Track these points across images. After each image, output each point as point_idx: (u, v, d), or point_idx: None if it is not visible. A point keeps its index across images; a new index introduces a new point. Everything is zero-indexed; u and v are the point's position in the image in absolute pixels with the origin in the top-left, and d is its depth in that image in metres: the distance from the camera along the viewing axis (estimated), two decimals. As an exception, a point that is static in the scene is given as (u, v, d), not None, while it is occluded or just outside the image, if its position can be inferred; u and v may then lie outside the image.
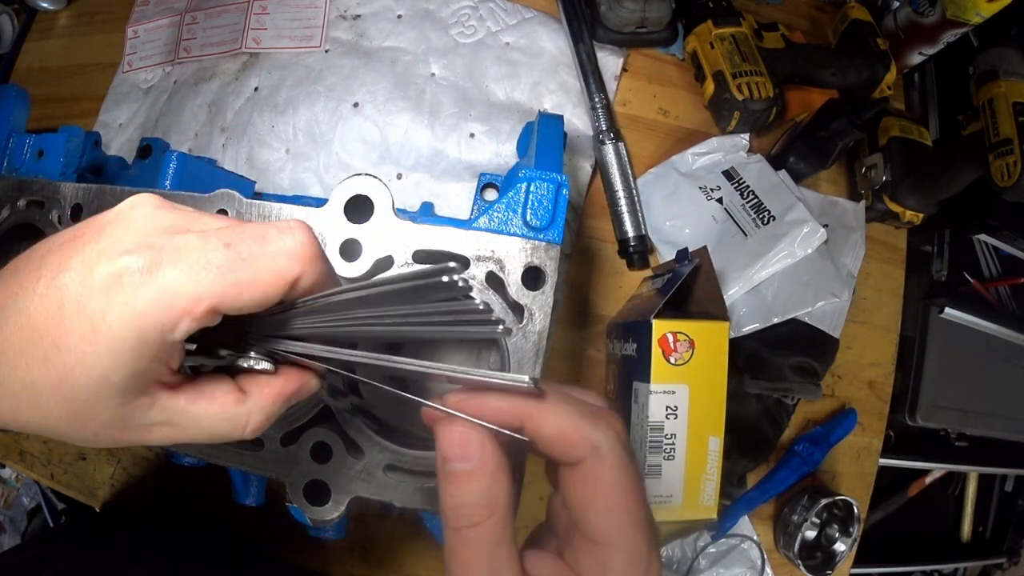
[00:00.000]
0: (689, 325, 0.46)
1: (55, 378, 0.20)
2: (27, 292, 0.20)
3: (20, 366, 0.20)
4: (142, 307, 0.19)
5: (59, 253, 0.21)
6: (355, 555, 0.56)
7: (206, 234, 0.21)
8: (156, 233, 0.21)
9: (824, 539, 0.61)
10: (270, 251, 0.21)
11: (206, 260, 0.20)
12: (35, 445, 0.59)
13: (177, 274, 0.20)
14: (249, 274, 0.20)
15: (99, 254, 0.20)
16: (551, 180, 0.35)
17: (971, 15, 0.58)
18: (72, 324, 0.19)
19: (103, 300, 0.19)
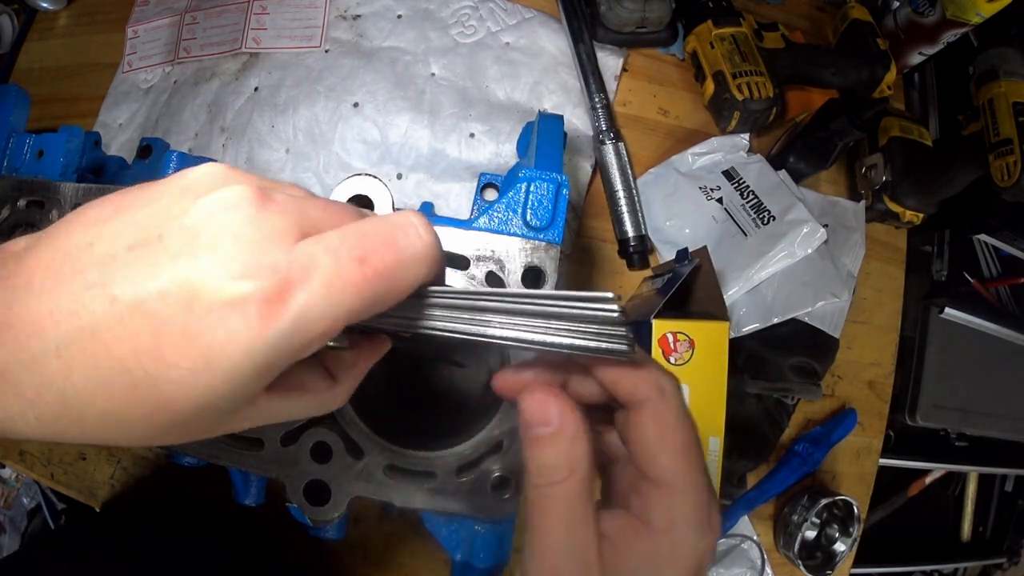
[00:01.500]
0: (689, 325, 0.46)
1: (149, 408, 0.17)
2: (92, 312, 0.17)
3: (100, 398, 0.17)
4: (273, 339, 0.17)
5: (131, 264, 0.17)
6: (355, 555, 0.56)
7: (334, 248, 0.18)
8: (271, 245, 0.18)
9: (824, 539, 0.61)
10: (404, 259, 0.20)
11: (342, 281, 0.18)
12: (35, 445, 0.59)
13: (311, 299, 0.17)
14: (385, 287, 0.19)
15: (204, 276, 0.17)
16: (551, 180, 0.35)
17: (971, 15, 0.58)
18: (176, 357, 0.17)
19: (220, 332, 0.17)
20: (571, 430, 0.22)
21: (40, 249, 0.18)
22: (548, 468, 0.22)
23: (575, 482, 0.22)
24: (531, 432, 0.23)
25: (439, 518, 0.36)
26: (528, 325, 0.21)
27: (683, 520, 0.22)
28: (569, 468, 0.22)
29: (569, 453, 0.22)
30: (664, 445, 0.23)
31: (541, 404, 0.23)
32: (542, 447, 0.22)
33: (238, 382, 0.17)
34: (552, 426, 0.22)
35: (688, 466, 0.23)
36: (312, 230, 0.19)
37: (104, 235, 0.18)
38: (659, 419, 0.23)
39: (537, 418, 0.23)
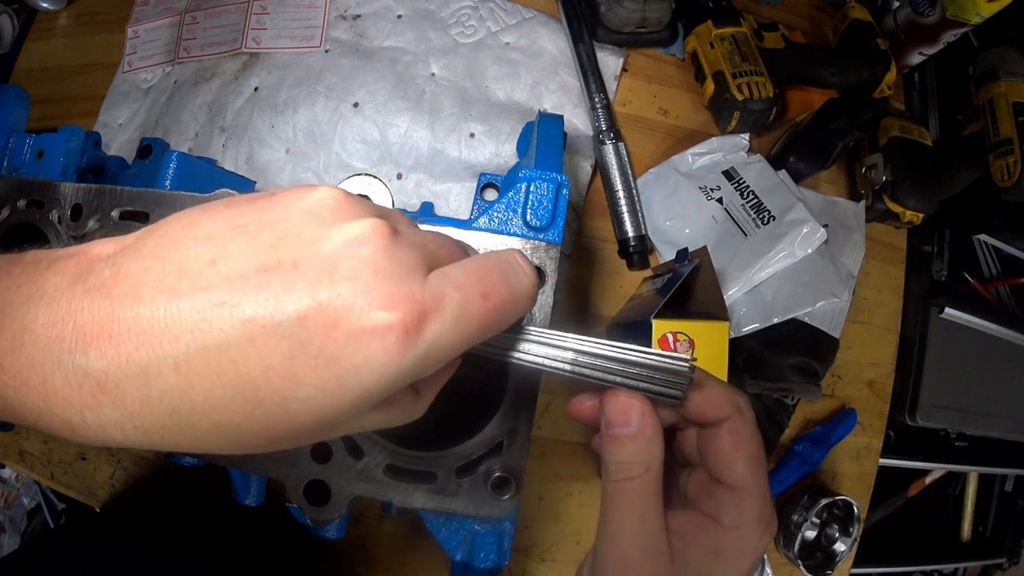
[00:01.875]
0: (689, 325, 0.46)
1: (269, 420, 0.18)
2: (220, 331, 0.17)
3: (218, 412, 0.18)
4: (406, 364, 0.19)
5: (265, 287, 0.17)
6: (355, 555, 0.56)
7: (461, 283, 0.20)
8: (407, 278, 0.19)
9: (824, 539, 0.61)
10: (516, 296, 0.22)
11: (468, 316, 0.20)
12: (35, 445, 0.59)
13: (442, 329, 0.19)
14: (499, 320, 0.22)
15: (347, 304, 0.18)
16: (551, 180, 0.35)
17: (971, 15, 0.58)
18: (310, 377, 0.18)
19: (359, 356, 0.18)
20: (649, 431, 0.25)
21: (142, 258, 0.18)
22: (626, 464, 0.25)
23: (649, 478, 0.25)
24: (613, 431, 0.25)
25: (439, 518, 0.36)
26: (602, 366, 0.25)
27: (750, 520, 0.25)
28: (645, 465, 0.25)
29: (646, 452, 0.25)
30: (740, 454, 0.26)
31: (624, 406, 0.25)
32: (622, 445, 0.25)
33: (363, 402, 0.19)
34: (632, 426, 0.25)
35: (757, 473, 0.26)
36: (434, 263, 0.21)
37: (229, 254, 0.18)
38: (736, 432, 0.26)
39: (619, 419, 0.25)
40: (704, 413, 0.26)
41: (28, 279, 0.19)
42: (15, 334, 0.17)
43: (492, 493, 0.33)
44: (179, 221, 0.19)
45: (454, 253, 0.23)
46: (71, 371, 0.17)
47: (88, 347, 0.17)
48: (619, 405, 0.25)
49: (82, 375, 0.17)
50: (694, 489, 0.28)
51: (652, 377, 0.25)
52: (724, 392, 0.26)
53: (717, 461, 0.26)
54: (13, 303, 0.18)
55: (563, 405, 0.58)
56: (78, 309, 0.17)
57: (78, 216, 0.35)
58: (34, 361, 0.17)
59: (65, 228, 0.35)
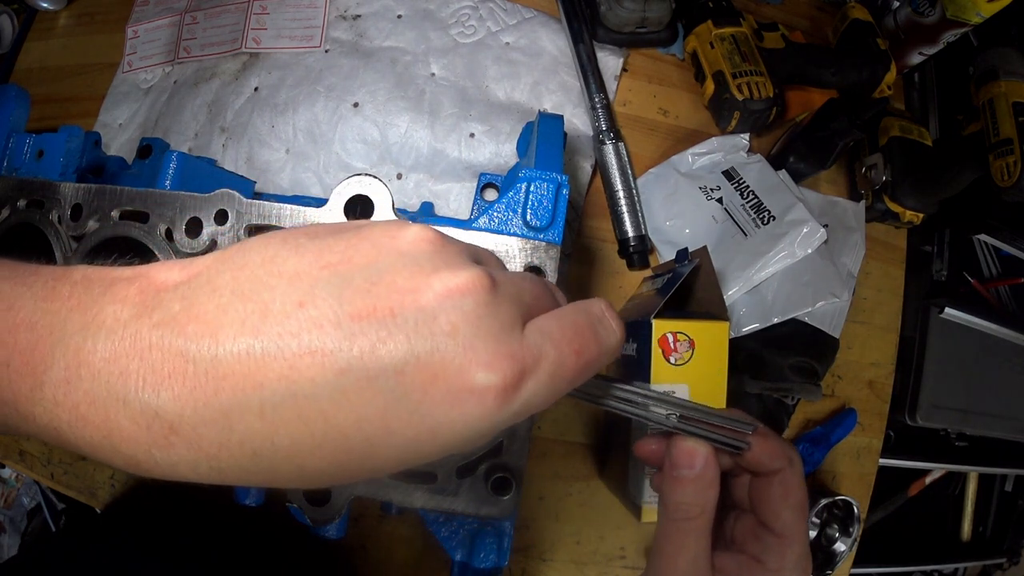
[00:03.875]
0: (689, 325, 0.46)
1: (354, 468, 0.18)
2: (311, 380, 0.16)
3: (304, 458, 0.17)
4: (501, 421, 0.19)
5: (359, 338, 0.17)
6: (355, 555, 0.56)
7: (556, 339, 0.20)
8: (507, 336, 0.19)
9: (824, 539, 0.61)
10: (604, 352, 0.22)
11: (563, 373, 0.20)
12: (35, 445, 0.59)
13: (537, 386, 0.19)
14: (587, 374, 0.22)
15: (447, 361, 0.17)
16: (551, 180, 0.35)
17: (971, 15, 0.58)
18: (403, 429, 0.17)
19: (456, 412, 0.18)
20: (710, 476, 0.28)
21: (219, 294, 0.17)
22: (686, 505, 0.27)
23: (704, 520, 0.27)
24: (676, 472, 0.28)
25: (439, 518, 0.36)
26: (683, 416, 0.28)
27: (791, 565, 0.28)
28: (701, 507, 0.27)
29: (704, 495, 0.27)
30: (787, 503, 0.28)
31: (691, 451, 0.28)
32: (684, 487, 0.27)
33: (450, 450, 0.19)
34: (695, 470, 0.27)
35: (801, 521, 0.28)
36: (528, 314, 0.20)
37: (318, 297, 0.17)
38: (786, 484, 0.28)
39: (684, 461, 0.28)
40: (761, 463, 0.29)
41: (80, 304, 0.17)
42: (70, 365, 0.16)
43: (492, 493, 0.33)
44: (258, 253, 0.18)
45: (546, 300, 0.22)
46: (139, 411, 0.16)
47: (159, 387, 0.16)
48: (686, 449, 0.28)
49: (151, 415, 0.16)
50: (741, 532, 0.30)
51: (720, 427, 0.28)
52: (780, 446, 0.29)
53: (767, 508, 0.29)
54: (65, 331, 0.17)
55: (564, 405, 0.58)
56: (146, 346, 0.16)
57: (78, 216, 0.35)
58: (95, 397, 0.16)
59: (65, 228, 0.35)
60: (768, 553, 0.28)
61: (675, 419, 0.27)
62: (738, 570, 0.28)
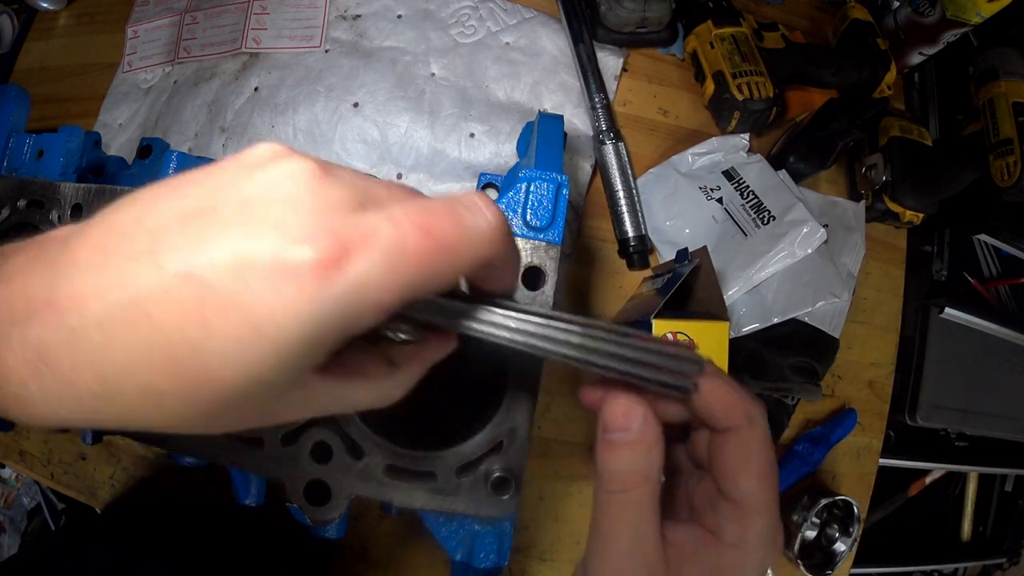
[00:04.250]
0: (689, 325, 0.46)
1: (191, 382, 0.17)
2: (137, 283, 0.16)
3: (139, 371, 0.17)
4: (327, 306, 0.17)
5: (180, 234, 0.17)
6: (355, 555, 0.56)
7: (397, 219, 0.18)
8: (330, 213, 0.17)
9: (824, 539, 0.61)
10: (468, 235, 0.19)
11: (403, 250, 0.17)
12: (35, 445, 0.59)
13: (369, 267, 0.17)
14: (448, 262, 0.19)
15: (258, 241, 0.16)
16: (551, 180, 0.35)
17: (971, 15, 0.58)
18: (221, 324, 0.16)
19: (272, 297, 0.16)
20: (650, 438, 0.23)
21: (89, 229, 0.18)
22: (623, 474, 0.23)
23: (647, 490, 0.23)
24: (609, 436, 0.23)
25: (439, 518, 0.36)
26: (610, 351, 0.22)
27: (754, 538, 0.23)
28: (643, 475, 0.23)
29: (645, 461, 0.23)
30: (747, 469, 0.24)
31: (625, 410, 0.23)
32: (619, 452, 0.23)
33: (288, 352, 0.17)
34: (632, 433, 0.23)
35: (765, 490, 0.24)
36: (373, 205, 0.18)
37: (156, 209, 0.17)
38: (745, 445, 0.24)
39: (618, 423, 0.23)
40: (713, 414, 0.24)
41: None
42: None
43: (492, 493, 0.33)
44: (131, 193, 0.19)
45: (402, 196, 0.20)
46: (18, 344, 0.17)
47: (33, 318, 0.17)
48: (619, 408, 0.23)
49: (27, 346, 0.17)
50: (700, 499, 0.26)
51: (661, 366, 0.22)
52: (737, 397, 0.24)
53: (723, 473, 0.24)
54: None
55: (564, 405, 0.59)
56: (30, 284, 0.17)
57: (78, 216, 0.35)
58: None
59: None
60: (726, 525, 0.24)
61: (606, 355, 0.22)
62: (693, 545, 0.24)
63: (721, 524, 0.24)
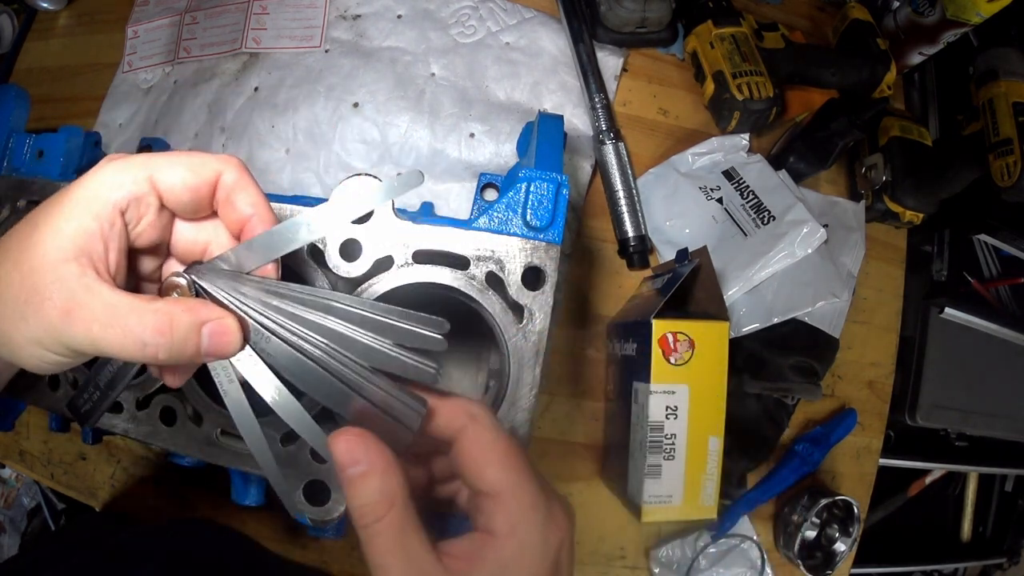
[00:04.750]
0: (689, 325, 0.46)
1: (25, 235, 0.23)
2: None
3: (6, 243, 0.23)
4: (105, 171, 0.24)
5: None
6: (355, 555, 0.56)
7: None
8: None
9: (824, 539, 0.61)
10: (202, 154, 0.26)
11: (166, 159, 0.25)
12: (35, 445, 0.59)
13: (136, 157, 0.25)
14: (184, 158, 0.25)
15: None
16: (551, 180, 0.35)
17: (971, 15, 0.58)
18: (59, 196, 0.24)
19: (84, 177, 0.24)
20: (380, 464, 0.23)
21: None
22: (370, 505, 0.23)
23: (398, 513, 0.23)
24: (345, 474, 0.24)
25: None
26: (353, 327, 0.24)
27: (522, 521, 0.24)
28: (388, 502, 0.23)
29: (383, 487, 0.23)
30: (488, 459, 0.25)
31: (348, 444, 0.24)
32: (357, 487, 0.23)
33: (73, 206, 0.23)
34: (362, 464, 0.23)
35: (514, 473, 0.25)
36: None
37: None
38: (477, 439, 0.25)
39: (347, 459, 0.24)
40: (439, 432, 0.26)
41: None
42: None
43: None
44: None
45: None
46: None
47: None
48: (344, 444, 0.24)
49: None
50: (469, 506, 0.27)
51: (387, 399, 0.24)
52: (453, 405, 0.26)
53: (468, 473, 0.25)
54: None
55: (564, 405, 0.59)
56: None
57: (78, 216, 0.35)
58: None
59: None
60: (493, 519, 0.24)
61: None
62: (472, 549, 0.24)
63: (489, 520, 0.24)
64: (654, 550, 0.58)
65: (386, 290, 0.33)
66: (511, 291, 0.33)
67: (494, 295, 0.33)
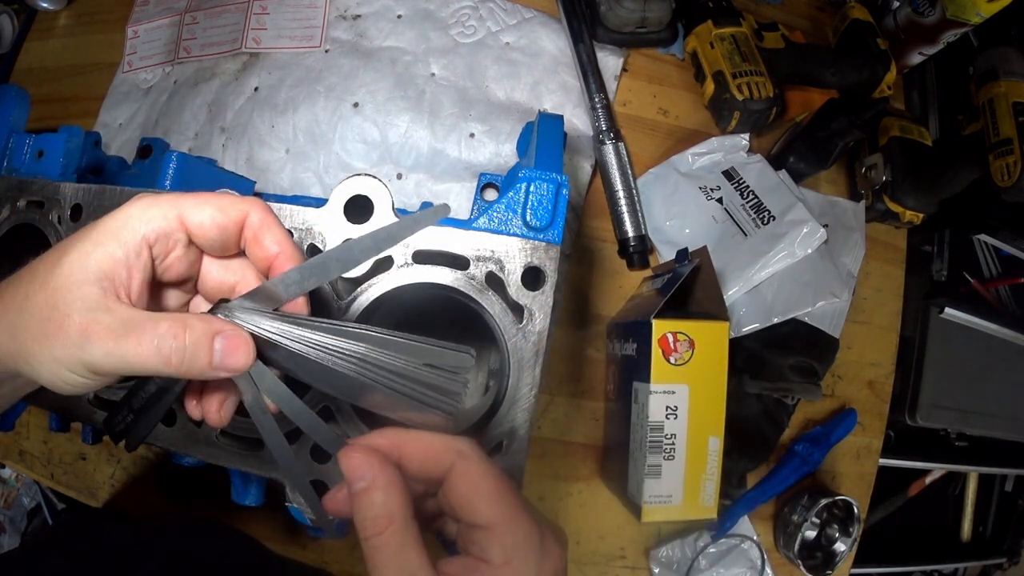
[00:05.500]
0: (689, 325, 0.46)
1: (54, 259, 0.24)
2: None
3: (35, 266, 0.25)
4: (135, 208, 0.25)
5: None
6: (355, 555, 0.56)
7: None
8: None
9: (824, 539, 0.61)
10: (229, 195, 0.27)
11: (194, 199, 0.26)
12: (35, 445, 0.59)
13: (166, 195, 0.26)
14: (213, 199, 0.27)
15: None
16: (551, 180, 0.35)
17: (971, 15, 0.58)
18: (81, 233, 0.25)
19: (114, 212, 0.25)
20: (383, 480, 0.25)
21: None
22: (370, 520, 0.25)
23: (398, 529, 0.24)
24: (352, 488, 0.25)
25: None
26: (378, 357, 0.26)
27: (516, 551, 0.25)
28: (388, 517, 0.24)
29: (385, 503, 0.25)
30: (479, 493, 0.26)
31: (355, 461, 0.25)
32: (362, 500, 0.25)
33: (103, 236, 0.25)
34: (367, 479, 0.25)
35: (506, 506, 0.26)
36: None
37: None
38: (467, 475, 0.26)
39: (355, 474, 0.25)
40: (427, 471, 0.27)
41: None
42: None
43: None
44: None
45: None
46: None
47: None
48: (352, 460, 0.25)
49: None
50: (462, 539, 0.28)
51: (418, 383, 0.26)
52: (438, 444, 0.27)
53: (460, 509, 0.26)
54: None
55: (564, 405, 0.59)
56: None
57: (78, 216, 0.35)
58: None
59: (65, 228, 0.35)
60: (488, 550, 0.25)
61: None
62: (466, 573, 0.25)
63: (485, 550, 0.25)
64: (654, 550, 0.58)
65: (386, 290, 0.33)
66: (511, 291, 0.33)
67: (494, 295, 0.33)
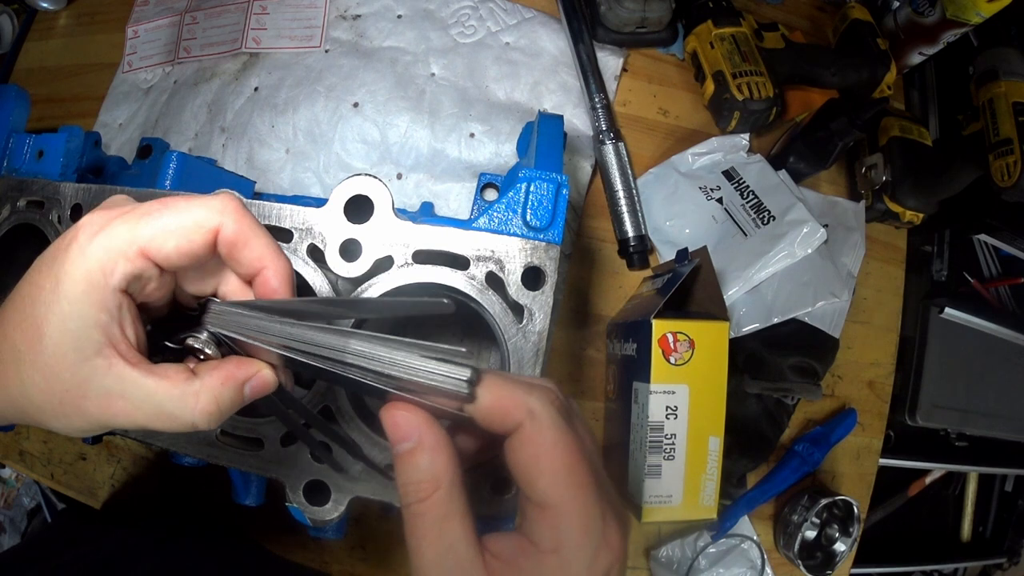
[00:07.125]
0: (689, 325, 0.46)
1: (31, 334, 0.22)
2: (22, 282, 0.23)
3: (6, 334, 0.23)
4: (90, 252, 0.22)
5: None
6: (355, 555, 0.56)
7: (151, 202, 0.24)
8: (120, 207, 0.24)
9: (824, 539, 0.61)
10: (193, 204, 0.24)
11: (140, 212, 0.23)
12: (35, 445, 0.59)
13: (118, 225, 0.22)
14: (173, 220, 0.23)
15: (71, 230, 0.23)
16: (551, 180, 0.35)
17: (971, 15, 0.58)
18: (43, 281, 0.22)
19: (65, 256, 0.22)
20: (429, 441, 0.22)
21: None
22: (413, 484, 0.22)
23: (443, 496, 0.22)
24: (396, 449, 0.23)
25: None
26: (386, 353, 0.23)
27: (570, 541, 0.22)
28: (434, 482, 0.22)
29: (431, 466, 0.22)
30: (541, 468, 0.22)
31: (401, 420, 0.23)
32: (405, 463, 0.23)
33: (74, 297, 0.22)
34: (412, 440, 0.23)
35: (570, 481, 0.22)
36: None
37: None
38: (532, 442, 0.22)
39: (398, 435, 0.23)
40: (491, 420, 0.23)
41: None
42: None
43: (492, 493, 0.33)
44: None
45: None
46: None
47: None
48: (397, 419, 0.23)
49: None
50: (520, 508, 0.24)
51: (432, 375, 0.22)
52: (513, 394, 0.23)
53: (519, 477, 0.23)
54: None
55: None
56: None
57: (78, 216, 0.35)
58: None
59: (65, 228, 0.35)
60: (538, 531, 0.22)
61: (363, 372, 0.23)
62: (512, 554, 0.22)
63: (534, 531, 0.22)
64: (654, 550, 0.58)
65: (386, 290, 0.33)
66: (511, 291, 0.33)
67: (494, 295, 0.33)
